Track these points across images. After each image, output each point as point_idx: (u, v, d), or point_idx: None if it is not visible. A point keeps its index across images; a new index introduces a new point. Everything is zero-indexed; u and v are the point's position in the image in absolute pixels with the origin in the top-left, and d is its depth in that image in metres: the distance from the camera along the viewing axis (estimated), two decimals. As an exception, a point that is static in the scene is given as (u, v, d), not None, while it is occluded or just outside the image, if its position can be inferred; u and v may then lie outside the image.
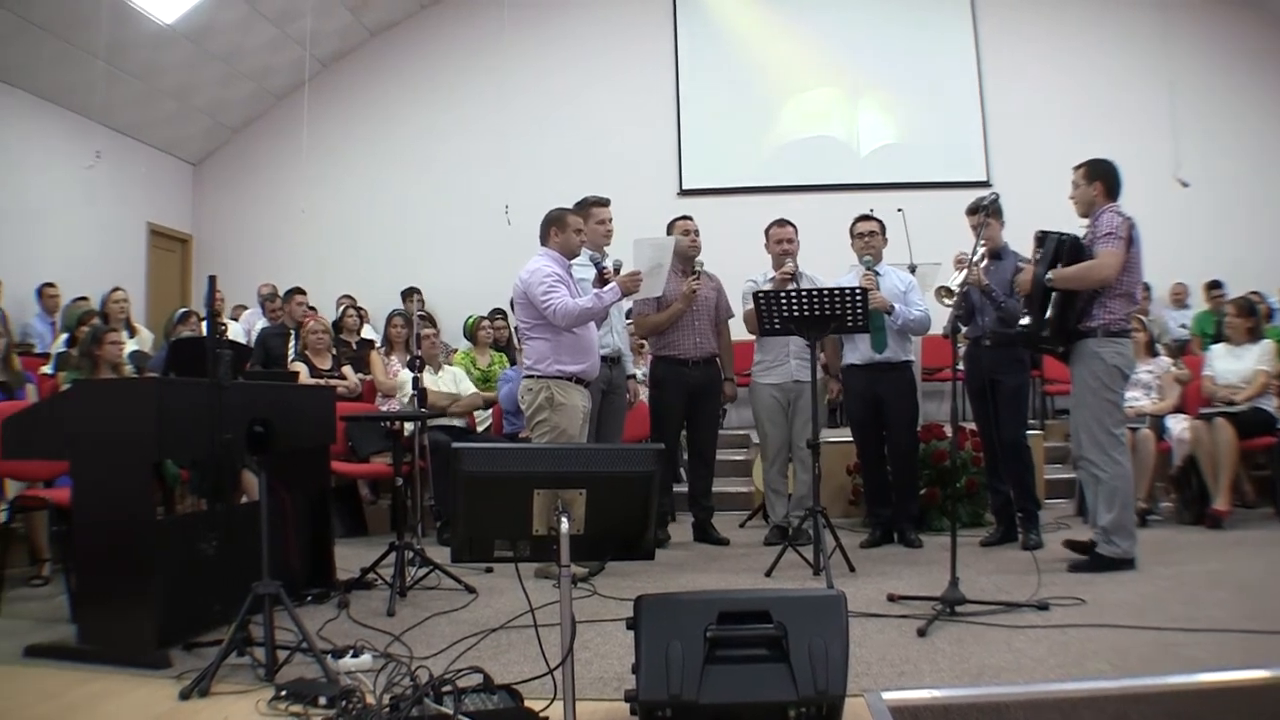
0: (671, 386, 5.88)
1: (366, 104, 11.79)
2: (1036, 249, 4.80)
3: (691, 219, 6.07)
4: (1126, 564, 4.55)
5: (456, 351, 8.26)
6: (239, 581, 3.32)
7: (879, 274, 5.70)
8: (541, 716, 2.57)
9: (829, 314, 4.81)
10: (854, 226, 5.87)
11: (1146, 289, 8.86)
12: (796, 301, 4.83)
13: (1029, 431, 5.73)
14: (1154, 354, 6.88)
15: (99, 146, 9.74)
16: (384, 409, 6.91)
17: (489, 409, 7.31)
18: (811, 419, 5.00)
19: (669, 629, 2.44)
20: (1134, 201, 4.82)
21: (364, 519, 6.97)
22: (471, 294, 9.93)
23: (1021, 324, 4.85)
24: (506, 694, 2.65)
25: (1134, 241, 4.62)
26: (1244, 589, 4.13)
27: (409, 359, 5.48)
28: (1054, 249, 4.67)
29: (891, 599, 4.04)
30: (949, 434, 5.16)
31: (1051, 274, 4.62)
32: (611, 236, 5.54)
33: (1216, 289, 9.64)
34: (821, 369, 5.65)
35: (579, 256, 5.18)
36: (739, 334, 6.07)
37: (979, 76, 11.09)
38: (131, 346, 7.11)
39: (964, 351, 5.50)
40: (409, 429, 5.74)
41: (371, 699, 2.80)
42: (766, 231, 5.97)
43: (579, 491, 2.39)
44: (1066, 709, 2.76)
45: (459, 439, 6.31)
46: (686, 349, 5.87)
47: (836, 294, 4.83)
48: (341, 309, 9.21)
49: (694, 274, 5.80)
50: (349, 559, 4.94)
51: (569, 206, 5.28)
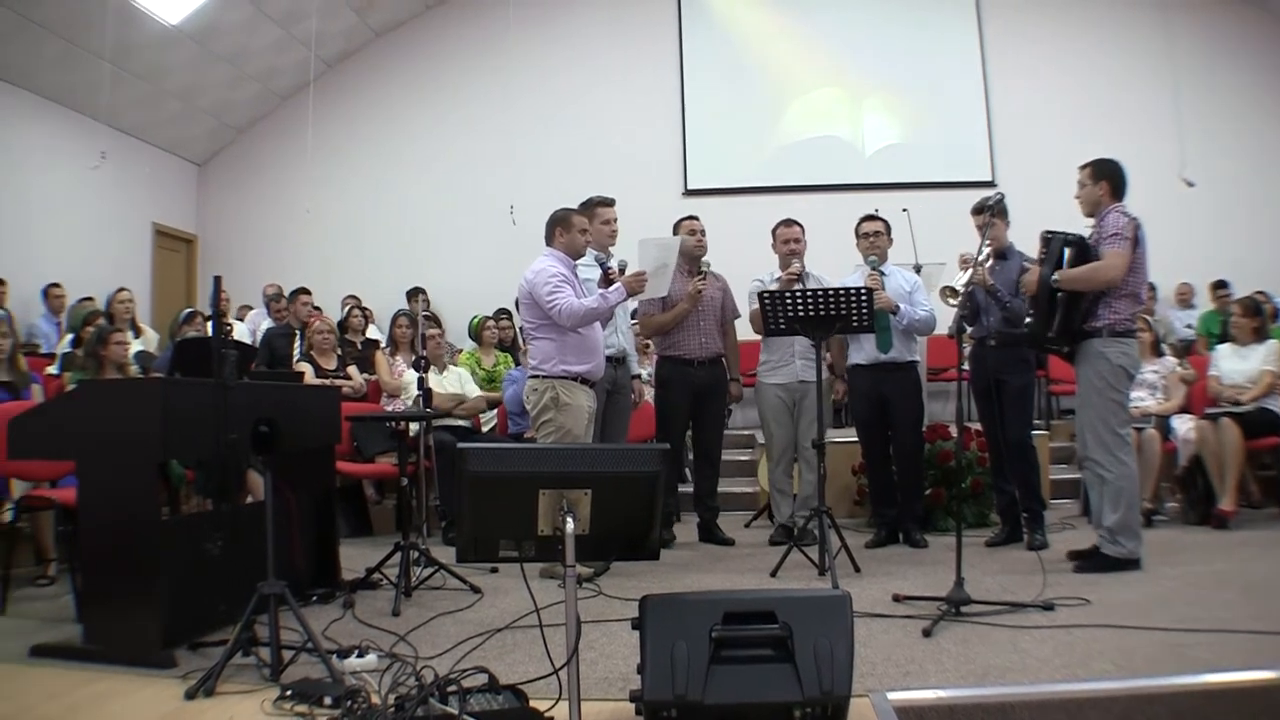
0: (677, 386, 5.88)
1: (371, 104, 11.79)
2: (1042, 249, 4.79)
3: (698, 219, 6.06)
4: (1132, 564, 4.54)
5: (461, 352, 8.26)
6: (244, 581, 3.32)
7: (884, 274, 5.68)
8: (546, 716, 2.58)
9: (834, 314, 4.81)
10: (859, 226, 5.86)
11: (1152, 289, 8.84)
12: (802, 301, 4.82)
13: (1034, 432, 5.72)
14: (1159, 354, 6.87)
15: (104, 147, 9.74)
16: (389, 409, 6.91)
17: (494, 409, 7.31)
18: (817, 419, 5.00)
19: (674, 629, 2.44)
20: (1139, 201, 4.80)
21: (369, 519, 6.98)
22: (476, 294, 9.94)
23: (1025, 323, 4.85)
24: (511, 694, 2.65)
25: (1140, 242, 4.61)
26: (1250, 589, 4.12)
27: (414, 359, 5.47)
28: (1059, 250, 4.66)
29: (897, 599, 4.03)
30: (954, 434, 5.16)
31: (1058, 275, 4.61)
32: (616, 236, 5.54)
33: (1222, 289, 9.62)
34: (827, 369, 5.66)
35: (584, 257, 5.18)
36: (746, 334, 6.06)
37: (984, 77, 11.08)
38: (137, 347, 7.11)
39: (969, 351, 5.49)
40: (414, 429, 5.75)
41: (376, 699, 2.81)
42: (774, 231, 5.97)
43: (584, 492, 2.39)
44: (1072, 709, 2.75)
45: (464, 439, 6.31)
46: (692, 349, 5.86)
47: (842, 294, 4.82)
48: (347, 309, 9.20)
49: (700, 274, 5.80)
50: (354, 559, 4.94)
51: (574, 207, 5.29)
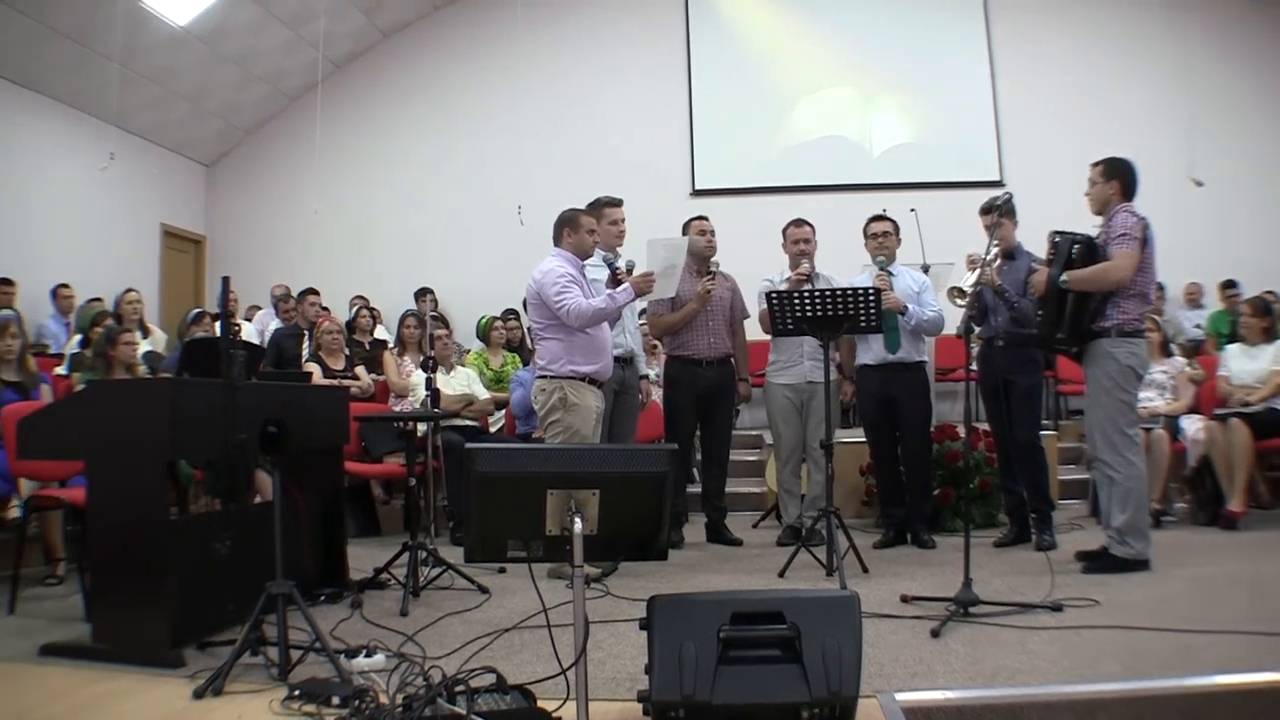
0: (685, 387, 5.87)
1: (379, 105, 11.81)
2: (1050, 249, 4.78)
3: (707, 219, 6.06)
4: (1141, 565, 4.52)
5: (469, 352, 8.26)
6: (253, 581, 3.33)
7: (892, 274, 5.68)
8: (554, 717, 2.57)
9: (842, 314, 4.80)
10: (868, 227, 5.85)
11: (1160, 289, 8.82)
12: (810, 302, 4.82)
13: (1042, 432, 5.70)
14: (1168, 354, 6.84)
15: (113, 148, 9.78)
16: (397, 409, 6.92)
17: (501, 410, 7.32)
18: (825, 419, 5.00)
19: (682, 629, 2.44)
20: (1148, 201, 4.78)
21: (377, 519, 6.98)
22: (484, 294, 9.91)
23: (1035, 323, 4.85)
24: (519, 694, 2.65)
25: (1148, 241, 4.59)
26: (1259, 590, 4.11)
27: (422, 359, 5.48)
28: (1068, 250, 4.65)
29: (905, 600, 4.03)
30: (962, 434, 5.14)
31: (1066, 276, 4.59)
32: (624, 237, 5.54)
33: (1231, 288, 9.58)
34: (836, 369, 5.65)
35: (592, 257, 5.19)
36: (756, 334, 6.05)
37: (992, 76, 11.04)
38: (145, 347, 7.13)
39: (977, 352, 5.47)
40: (422, 429, 5.75)
41: (384, 699, 2.81)
42: (784, 231, 5.96)
43: (592, 492, 2.39)
44: (1081, 710, 2.75)
45: (472, 439, 6.32)
46: (701, 349, 5.86)
47: (850, 294, 4.82)
48: (355, 309, 9.23)
49: (709, 274, 5.80)
50: (362, 559, 4.95)
51: (582, 207, 5.29)
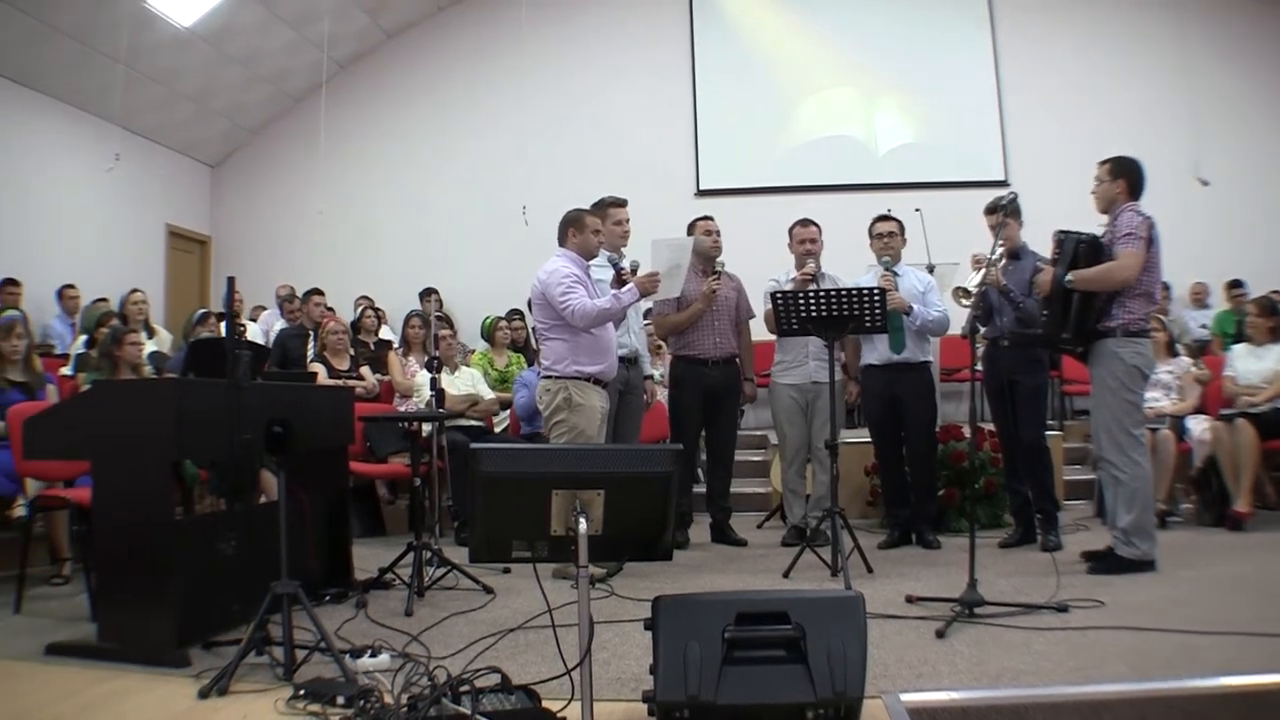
0: (691, 386, 5.86)
1: (384, 105, 11.81)
2: (1055, 249, 4.77)
3: (713, 219, 6.06)
4: (1146, 566, 4.51)
5: (474, 352, 8.26)
6: (258, 581, 3.34)
7: (898, 274, 5.66)
8: (559, 717, 2.57)
9: (847, 314, 4.80)
10: (873, 227, 5.85)
11: (1166, 289, 8.79)
12: (815, 302, 4.82)
13: (1048, 432, 5.69)
14: (1174, 354, 6.82)
15: (118, 149, 9.81)
16: (402, 410, 6.93)
17: (506, 410, 7.32)
18: (830, 420, 4.99)
19: (687, 630, 2.44)
20: (1153, 200, 4.77)
21: (382, 519, 6.99)
22: (489, 295, 9.92)
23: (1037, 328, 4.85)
24: (524, 694, 2.65)
25: (1154, 241, 4.58)
26: (1265, 592, 4.09)
27: (427, 360, 5.48)
28: (1073, 249, 4.64)
29: (910, 600, 4.02)
30: (967, 435, 5.14)
31: (1072, 276, 4.58)
32: (629, 237, 5.53)
33: (1237, 288, 9.56)
34: (841, 369, 5.64)
35: (597, 257, 5.18)
36: (761, 334, 6.05)
37: (996, 76, 11.02)
38: (150, 347, 7.14)
39: (982, 352, 5.47)
40: (427, 429, 5.76)
41: (389, 698, 2.81)
42: (790, 231, 5.96)
43: (597, 492, 2.39)
44: (1086, 712, 2.74)
45: (477, 439, 6.32)
46: (706, 349, 5.85)
47: (855, 294, 4.82)
48: (359, 310, 9.23)
49: (715, 274, 5.80)
50: (367, 559, 4.95)
51: (586, 207, 5.29)
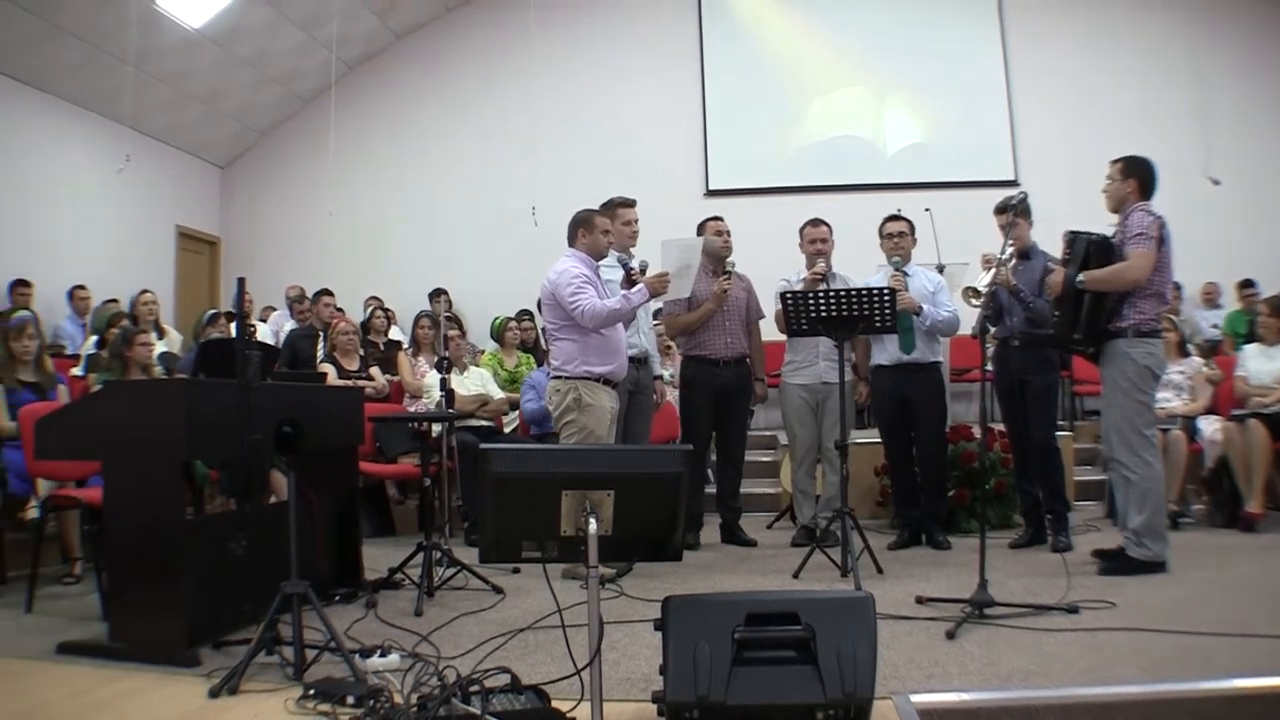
0: (702, 387, 5.86)
1: (393, 106, 11.83)
2: (1066, 249, 4.76)
3: (722, 219, 6.06)
4: (1157, 567, 4.49)
5: (484, 353, 8.26)
6: (268, 581, 3.34)
7: (907, 274, 5.66)
8: (569, 717, 2.57)
9: (857, 314, 4.79)
10: (883, 227, 5.84)
11: (1177, 288, 8.76)
12: (824, 302, 4.81)
13: (1058, 433, 5.67)
14: (1185, 354, 6.80)
15: (128, 150, 9.85)
16: (411, 410, 6.93)
17: (516, 410, 7.31)
18: (840, 420, 4.98)
19: (697, 630, 2.44)
20: (1164, 200, 4.75)
21: (392, 519, 7.00)
22: (498, 295, 9.91)
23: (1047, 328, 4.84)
24: (534, 694, 2.66)
25: (1165, 241, 4.56)
26: (1277, 593, 4.08)
27: (436, 360, 5.49)
28: (1084, 250, 4.63)
29: (920, 601, 4.01)
30: (978, 435, 5.12)
31: (1083, 276, 4.57)
32: (638, 237, 5.53)
33: (1249, 288, 9.50)
34: (851, 370, 5.63)
35: (606, 258, 5.19)
36: (772, 334, 6.03)
37: (1006, 75, 10.99)
38: (161, 348, 7.16)
39: (992, 352, 5.46)
40: (436, 430, 5.76)
41: (399, 698, 2.81)
42: (801, 230, 5.95)
43: (607, 492, 2.39)
44: (1097, 713, 2.73)
45: (487, 440, 6.32)
46: (717, 349, 5.85)
47: (864, 294, 4.81)
48: (369, 310, 9.25)
49: (725, 274, 5.79)
50: (377, 559, 4.96)
51: (595, 208, 5.29)
